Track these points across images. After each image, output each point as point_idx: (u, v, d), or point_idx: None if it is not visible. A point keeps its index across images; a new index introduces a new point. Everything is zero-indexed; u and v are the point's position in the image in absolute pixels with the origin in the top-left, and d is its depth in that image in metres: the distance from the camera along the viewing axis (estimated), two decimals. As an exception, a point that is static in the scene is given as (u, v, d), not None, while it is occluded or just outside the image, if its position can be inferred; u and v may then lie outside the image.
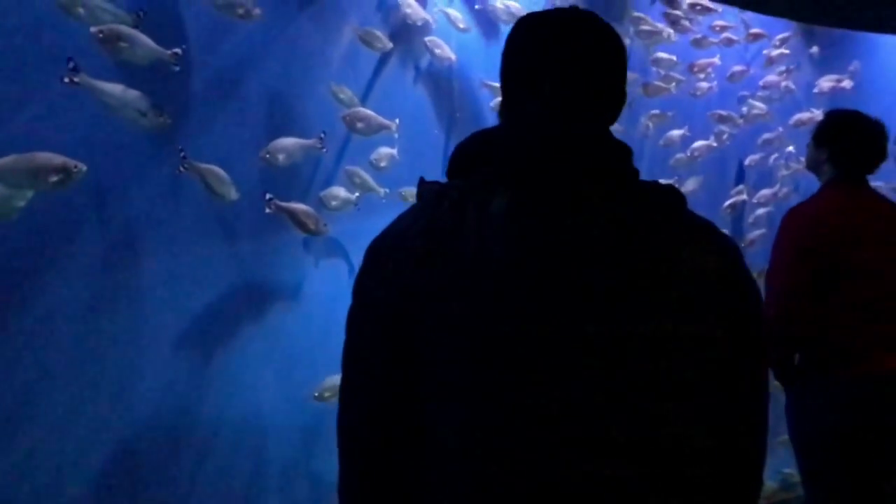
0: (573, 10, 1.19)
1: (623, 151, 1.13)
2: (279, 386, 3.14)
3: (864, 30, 5.46)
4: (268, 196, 3.00)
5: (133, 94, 2.55)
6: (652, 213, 1.07)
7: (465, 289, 1.01)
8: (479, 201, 1.05)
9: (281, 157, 3.01)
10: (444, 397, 1.03)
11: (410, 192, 3.54)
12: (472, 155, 1.15)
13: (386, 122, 3.42)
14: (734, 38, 4.87)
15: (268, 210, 3.00)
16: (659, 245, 1.05)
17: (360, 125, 3.34)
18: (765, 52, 5.11)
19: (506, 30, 3.92)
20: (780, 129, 5.08)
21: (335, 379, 3.07)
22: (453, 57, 3.76)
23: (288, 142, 3.06)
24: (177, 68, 2.68)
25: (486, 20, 4.01)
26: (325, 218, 3.17)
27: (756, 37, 5.02)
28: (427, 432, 1.05)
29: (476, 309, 1.00)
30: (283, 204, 3.04)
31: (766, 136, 5.01)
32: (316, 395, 3.10)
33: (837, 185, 2.70)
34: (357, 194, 3.37)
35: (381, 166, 3.47)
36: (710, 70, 4.74)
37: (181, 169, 2.75)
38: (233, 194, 2.87)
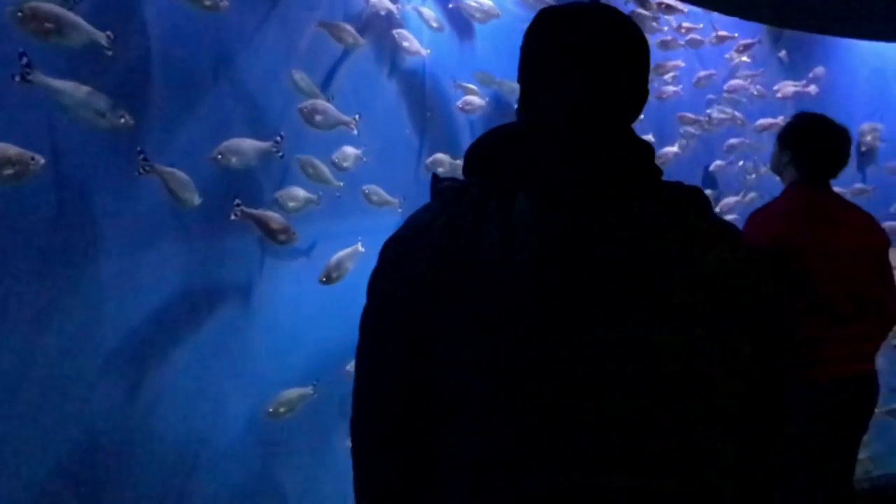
0: (595, 4, 1.16)
1: (646, 150, 1.11)
2: (237, 398, 3.03)
3: (832, 34, 5.49)
4: (236, 201, 2.89)
5: (91, 93, 2.42)
6: (678, 215, 1.05)
7: (487, 291, 0.99)
8: (501, 201, 1.02)
9: (234, 159, 2.85)
10: (460, 401, 1.01)
11: (377, 193, 3.48)
12: (490, 153, 1.12)
13: (345, 117, 3.32)
14: (700, 38, 4.85)
15: (233, 217, 2.88)
16: (685, 248, 1.02)
17: (318, 118, 3.20)
18: (726, 56, 5.10)
19: (479, 28, 4.03)
20: (745, 135, 5.09)
21: (290, 394, 3.02)
22: (423, 52, 3.71)
23: (242, 143, 2.90)
24: (109, 52, 2.51)
25: (459, 19, 3.97)
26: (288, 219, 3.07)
27: (722, 39, 5.01)
28: (440, 436, 1.03)
29: (499, 312, 0.98)
30: (252, 211, 2.93)
31: (732, 141, 5.00)
32: (270, 410, 2.95)
33: (800, 187, 2.73)
34: (319, 194, 3.24)
35: (345, 166, 3.36)
36: (675, 73, 4.73)
37: (140, 171, 2.64)
38: (195, 200, 2.75)
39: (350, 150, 3.40)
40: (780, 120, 4.98)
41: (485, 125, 3.94)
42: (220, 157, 2.82)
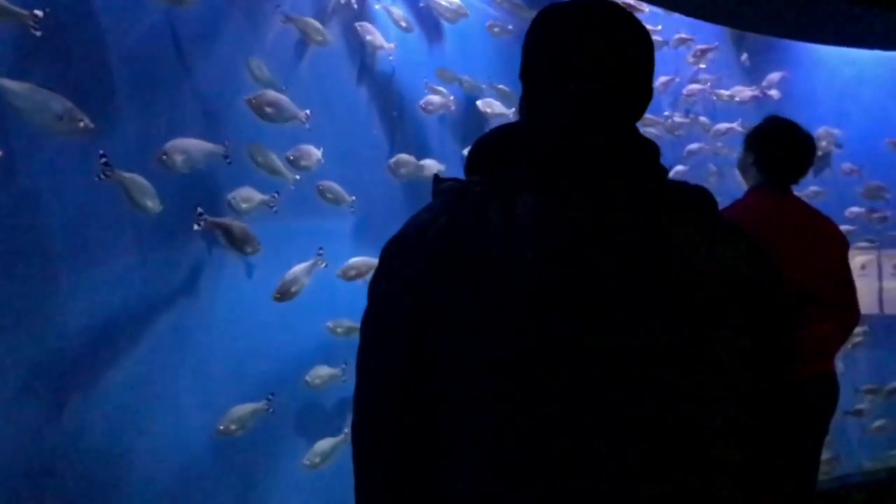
0: (598, 1, 1.14)
1: (652, 150, 1.10)
2: (191, 412, 2.92)
3: (792, 38, 5.52)
4: (199, 210, 2.78)
5: (48, 95, 2.31)
6: (683, 214, 1.04)
7: (489, 291, 0.97)
8: (503, 201, 1.01)
9: (179, 159, 2.69)
10: (464, 403, 0.99)
11: (332, 190, 3.39)
12: (493, 152, 1.10)
13: (298, 111, 3.18)
14: (661, 39, 4.82)
15: (197, 226, 2.77)
16: (691, 248, 1.01)
17: (269, 110, 3.03)
18: (688, 59, 5.08)
19: (449, 28, 3.98)
20: (706, 140, 5.09)
21: (242, 410, 2.93)
22: (388, 46, 3.65)
23: (187, 143, 2.75)
24: (38, 33, 2.38)
25: (429, 18, 3.92)
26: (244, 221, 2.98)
27: (683, 41, 5.00)
28: (444, 439, 1.01)
29: (502, 312, 0.96)
30: (217, 220, 2.84)
31: (691, 146, 4.99)
32: (221, 427, 2.85)
33: (762, 190, 2.76)
34: (275, 195, 3.10)
35: (303, 165, 3.24)
36: None
37: (101, 176, 2.53)
38: (156, 206, 2.65)
39: (309, 148, 3.28)
40: (737, 124, 5.09)
41: (453, 125, 3.92)
42: (164, 157, 2.67)
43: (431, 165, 3.71)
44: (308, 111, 3.24)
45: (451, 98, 3.88)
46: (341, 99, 3.58)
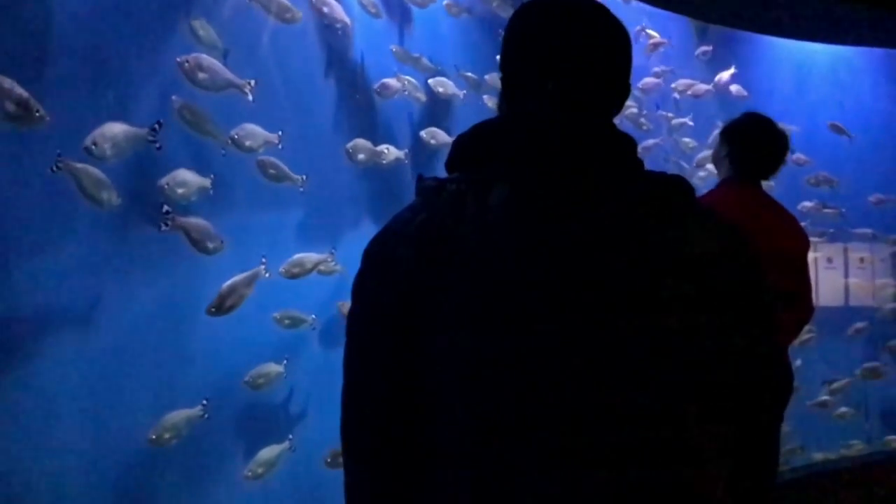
0: None
1: (628, 143, 1.12)
2: (121, 417, 2.64)
3: (753, 30, 5.50)
4: (165, 209, 2.58)
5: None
6: (658, 202, 1.05)
7: (468, 285, 1.00)
8: (478, 196, 1.03)
9: (106, 146, 2.41)
10: (451, 397, 1.02)
11: (275, 166, 3.09)
12: (472, 148, 1.13)
13: (236, 79, 2.85)
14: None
15: (164, 227, 2.57)
16: (666, 235, 1.03)
17: (201, 76, 2.68)
18: (645, 51, 4.96)
19: (419, 14, 3.83)
20: (660, 137, 4.97)
21: (175, 417, 2.67)
22: (347, 20, 3.45)
23: (113, 128, 2.46)
24: None
25: (398, 6, 3.79)
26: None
27: (642, 33, 4.86)
28: (432, 434, 1.04)
29: (480, 303, 0.99)
30: (185, 220, 2.64)
31: (648, 142, 4.82)
32: (153, 437, 2.58)
33: (732, 183, 2.82)
34: (212, 176, 2.80)
35: (247, 145, 2.93)
36: None
37: (54, 168, 2.33)
38: (113, 199, 2.45)
39: (254, 128, 2.97)
40: (689, 119, 5.09)
41: (422, 114, 3.81)
42: (93, 146, 2.39)
43: (390, 151, 3.52)
44: (252, 81, 2.92)
45: (408, 81, 3.67)
46: (305, 81, 3.39)
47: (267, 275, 2.97)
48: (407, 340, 1.04)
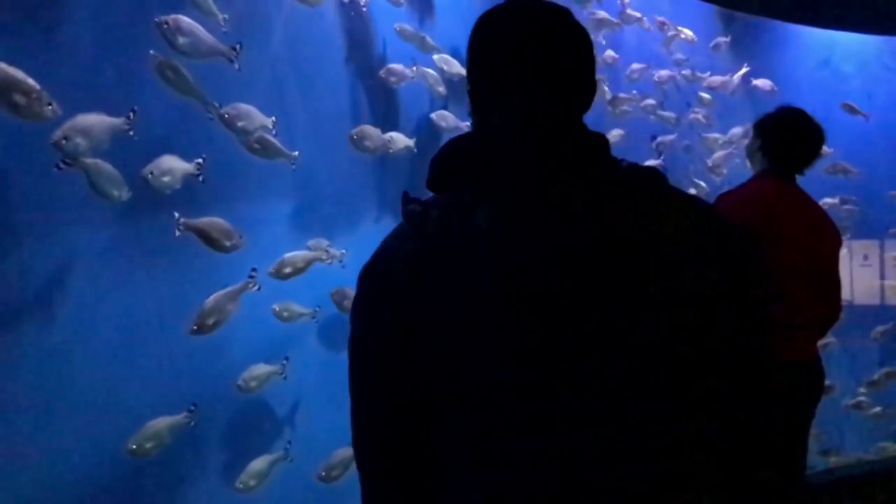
0: (532, 3, 1.16)
1: (599, 142, 1.13)
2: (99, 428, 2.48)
3: (782, 19, 5.37)
4: (176, 215, 2.51)
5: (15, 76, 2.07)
6: (635, 199, 1.07)
7: (461, 305, 1.03)
8: (462, 217, 1.06)
9: (79, 139, 2.23)
10: (451, 411, 1.05)
11: (263, 140, 2.88)
12: (448, 169, 1.14)
13: (222, 46, 2.63)
14: (638, 14, 4.58)
15: (177, 232, 2.51)
16: (645, 230, 1.05)
17: (181, 40, 2.45)
18: (662, 43, 4.82)
19: (440, 2, 3.64)
20: (675, 133, 4.82)
21: (158, 424, 2.50)
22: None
23: (88, 119, 2.29)
24: None
25: None
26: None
27: (663, 25, 4.74)
28: (438, 446, 1.08)
29: (473, 322, 1.02)
30: (195, 222, 2.55)
31: (663, 138, 4.68)
32: (133, 447, 2.41)
33: (766, 177, 2.83)
34: (200, 160, 2.59)
35: (239, 126, 2.72)
36: (609, 61, 4.43)
37: (61, 165, 2.24)
38: (123, 194, 2.38)
39: (249, 108, 2.76)
40: (700, 113, 4.97)
41: (442, 104, 3.74)
42: (65, 140, 2.21)
43: (395, 139, 3.36)
44: (238, 45, 2.70)
45: (415, 68, 3.52)
46: (320, 65, 3.30)
47: (255, 288, 2.81)
48: (407, 362, 1.07)
